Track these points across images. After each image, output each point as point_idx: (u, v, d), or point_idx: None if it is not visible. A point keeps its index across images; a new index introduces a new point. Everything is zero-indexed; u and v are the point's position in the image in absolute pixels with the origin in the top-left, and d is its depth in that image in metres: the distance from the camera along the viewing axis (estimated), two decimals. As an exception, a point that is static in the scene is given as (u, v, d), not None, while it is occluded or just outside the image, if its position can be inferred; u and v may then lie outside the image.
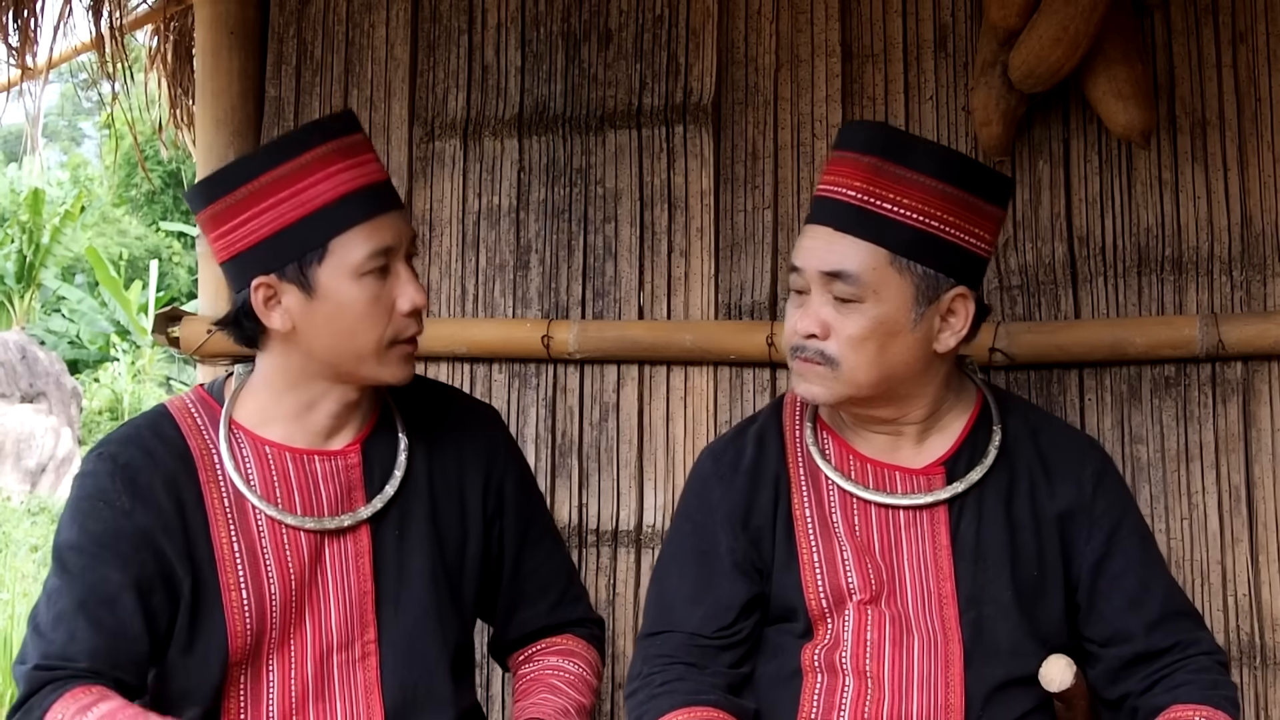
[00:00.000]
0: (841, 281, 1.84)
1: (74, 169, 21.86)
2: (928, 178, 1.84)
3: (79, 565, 1.82)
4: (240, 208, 1.81)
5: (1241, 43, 2.52)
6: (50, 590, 1.83)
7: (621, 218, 2.73)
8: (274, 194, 1.80)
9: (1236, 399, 2.46)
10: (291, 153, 1.81)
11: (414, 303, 1.87)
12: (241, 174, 1.83)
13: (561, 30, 2.80)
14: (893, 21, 2.65)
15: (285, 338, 1.87)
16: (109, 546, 1.81)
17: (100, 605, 1.79)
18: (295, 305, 1.83)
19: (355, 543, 1.92)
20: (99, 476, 1.86)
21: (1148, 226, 2.53)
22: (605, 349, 2.68)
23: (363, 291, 1.83)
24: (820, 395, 1.90)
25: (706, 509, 2.02)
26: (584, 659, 2.06)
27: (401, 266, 1.87)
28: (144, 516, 1.83)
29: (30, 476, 12.34)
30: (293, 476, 1.90)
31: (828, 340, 1.87)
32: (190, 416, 1.94)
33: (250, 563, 1.86)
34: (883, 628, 1.91)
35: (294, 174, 1.80)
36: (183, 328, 2.82)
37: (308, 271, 1.81)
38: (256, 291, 1.83)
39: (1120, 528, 1.95)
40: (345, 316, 1.83)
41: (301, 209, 1.80)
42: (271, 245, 1.81)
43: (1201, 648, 1.90)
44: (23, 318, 17.51)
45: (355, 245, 1.82)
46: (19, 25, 3.08)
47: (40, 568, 9.24)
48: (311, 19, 2.90)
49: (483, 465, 2.05)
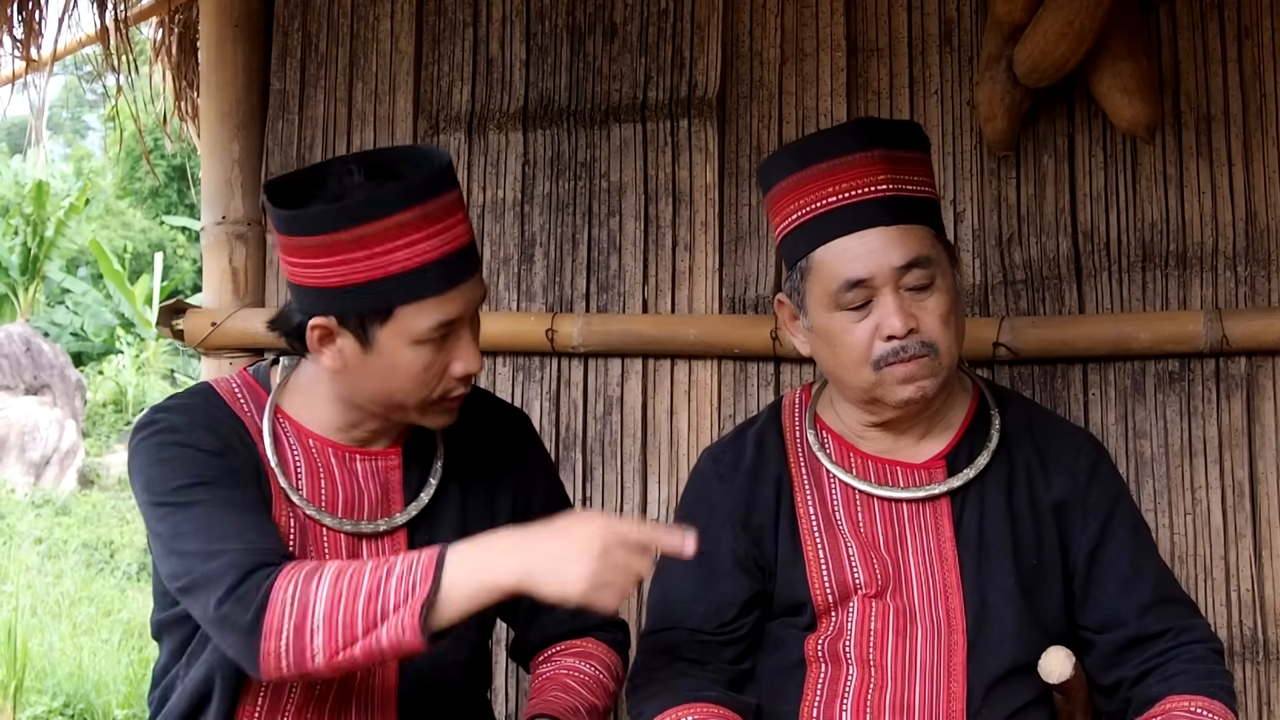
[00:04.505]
0: (917, 268, 1.85)
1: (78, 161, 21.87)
2: (913, 152, 1.92)
3: (183, 497, 1.75)
4: (316, 251, 1.74)
5: (1247, 37, 2.51)
6: (168, 534, 1.74)
7: (626, 211, 2.73)
8: (351, 250, 1.72)
9: (1240, 394, 2.46)
10: (379, 214, 1.71)
11: (468, 369, 1.82)
12: (325, 223, 1.73)
13: (566, 24, 2.80)
14: (898, 16, 2.65)
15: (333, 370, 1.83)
16: (199, 477, 1.76)
17: (246, 518, 1.74)
18: (349, 351, 1.79)
19: (392, 547, 1.90)
20: (169, 418, 1.81)
21: (1152, 221, 2.53)
22: (609, 343, 2.68)
23: (420, 357, 1.78)
24: (930, 388, 1.89)
25: (707, 509, 2.03)
26: (602, 662, 2.05)
27: (465, 331, 1.81)
28: (229, 459, 1.80)
29: (34, 469, 12.36)
30: (336, 472, 1.89)
31: (921, 331, 1.87)
32: (236, 399, 1.91)
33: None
34: (886, 618, 1.92)
35: (376, 235, 1.71)
36: (187, 320, 2.82)
37: (369, 328, 1.76)
38: (313, 330, 1.78)
39: (1113, 516, 1.96)
40: (397, 376, 1.79)
41: (375, 272, 1.73)
42: (339, 294, 1.75)
43: (1195, 635, 1.90)
44: (27, 310, 17.54)
45: (423, 316, 1.76)
46: (24, 17, 3.08)
47: (44, 560, 9.27)
48: (316, 12, 2.91)
49: (513, 470, 2.04)
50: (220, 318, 2.78)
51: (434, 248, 1.74)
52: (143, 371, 16.48)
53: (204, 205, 2.94)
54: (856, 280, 1.85)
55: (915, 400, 1.90)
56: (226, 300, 2.86)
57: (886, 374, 1.87)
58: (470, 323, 1.83)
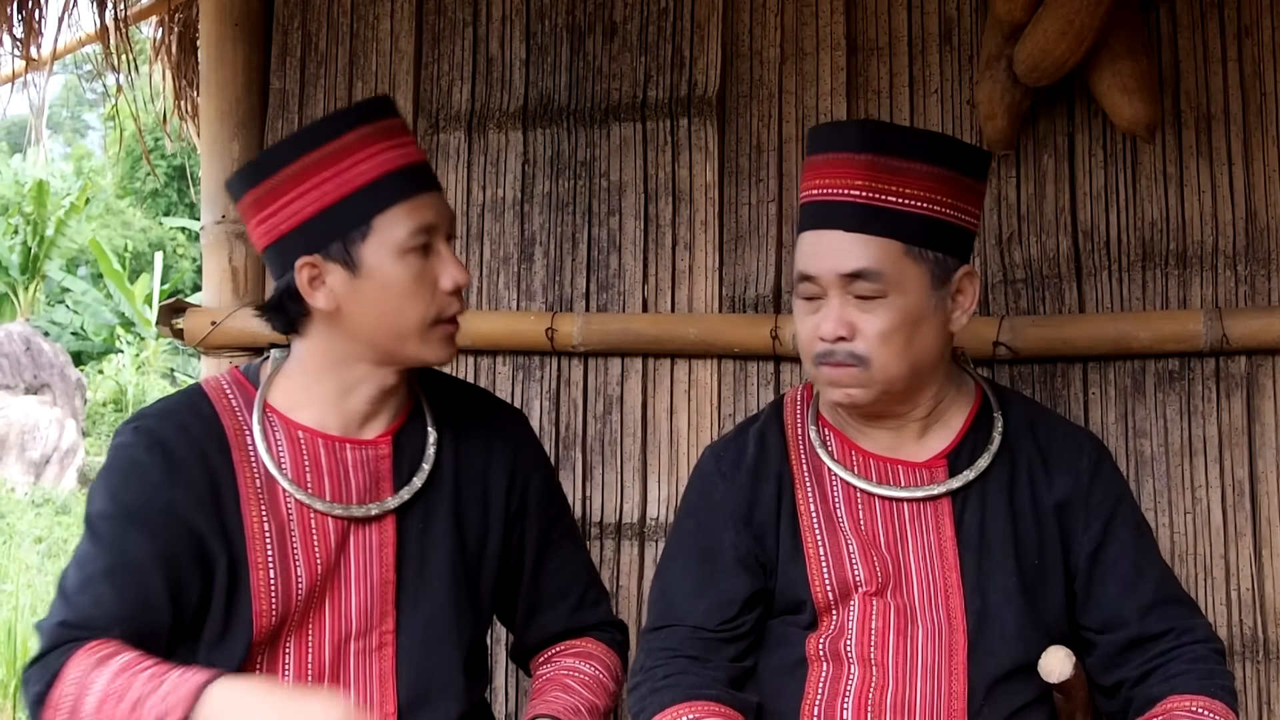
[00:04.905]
0: (864, 280, 1.85)
1: (78, 161, 21.89)
2: (925, 165, 1.86)
3: (109, 533, 1.82)
4: (282, 189, 1.83)
5: (1247, 36, 2.51)
6: (80, 556, 1.83)
7: (626, 211, 2.73)
8: (317, 173, 1.82)
9: (1240, 393, 2.46)
10: (333, 133, 1.83)
11: (456, 280, 1.88)
12: (282, 156, 1.84)
13: (566, 23, 2.80)
14: (898, 15, 2.65)
15: (328, 319, 1.88)
16: (139, 516, 1.82)
17: (127, 574, 1.79)
18: (340, 284, 1.84)
19: (380, 532, 1.93)
20: (134, 448, 1.86)
21: (1152, 220, 2.53)
22: (609, 342, 2.68)
23: (407, 269, 1.84)
24: (859, 397, 1.90)
25: (709, 506, 2.03)
26: (602, 662, 2.06)
27: (443, 245, 1.89)
28: (176, 490, 1.83)
29: (34, 468, 12.36)
30: (324, 462, 1.91)
31: (855, 340, 1.87)
32: (225, 397, 1.94)
33: (279, 544, 1.86)
34: (887, 617, 1.92)
35: (336, 153, 1.82)
36: (187, 319, 2.82)
37: (352, 250, 1.83)
38: (301, 271, 1.84)
39: (1115, 516, 1.96)
40: (390, 294, 1.84)
41: (345, 187, 1.82)
42: (315, 225, 1.83)
43: (1197, 635, 1.90)
44: (27, 309, 17.54)
45: (399, 222, 1.83)
46: (23, 16, 3.08)
47: (44, 559, 9.27)
48: (316, 11, 2.91)
49: (508, 466, 2.05)
50: (220, 317, 2.78)
51: (394, 158, 1.85)
52: (143, 371, 16.48)
53: (204, 204, 2.95)
54: (806, 275, 1.89)
55: (843, 404, 1.94)
56: (226, 299, 2.86)
57: (820, 373, 1.92)
58: (447, 240, 1.90)
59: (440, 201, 1.91)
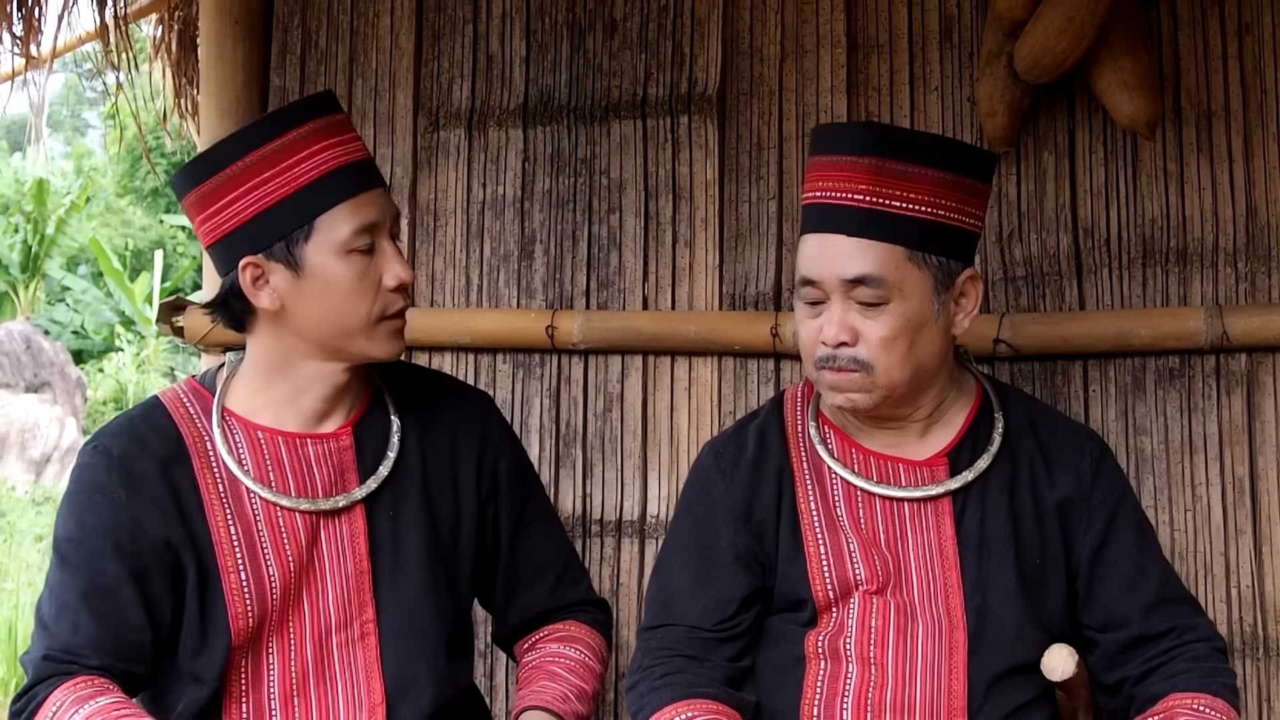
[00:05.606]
0: (866, 286, 1.85)
1: (78, 159, 21.87)
2: (929, 169, 1.86)
3: (78, 558, 1.83)
4: (226, 189, 1.83)
5: (1247, 34, 2.51)
6: (52, 584, 1.84)
7: (626, 208, 2.73)
8: (259, 173, 1.82)
9: (1241, 391, 2.46)
10: (274, 132, 1.83)
11: (399, 278, 1.89)
12: (226, 155, 1.85)
13: (566, 20, 2.80)
14: (898, 12, 2.65)
15: (274, 318, 1.88)
16: (106, 538, 1.83)
17: (101, 597, 1.81)
18: (283, 284, 1.85)
19: (350, 524, 1.93)
20: (94, 469, 1.87)
21: (1153, 218, 2.53)
22: (609, 339, 2.68)
23: (349, 268, 1.85)
24: (861, 402, 1.90)
25: (708, 504, 2.02)
26: (586, 644, 2.07)
27: (386, 243, 1.89)
28: (140, 506, 1.85)
29: (35, 466, 12.36)
30: (286, 460, 1.92)
31: (858, 346, 1.87)
32: (182, 406, 1.95)
33: (248, 546, 1.87)
34: (887, 615, 1.91)
35: (277, 153, 1.82)
36: (187, 318, 2.82)
37: (295, 250, 1.83)
38: (244, 271, 1.85)
39: (1117, 515, 1.96)
40: (333, 293, 1.85)
41: (287, 187, 1.82)
42: (258, 224, 1.83)
43: (1199, 634, 1.90)
44: (27, 308, 17.54)
45: (341, 222, 1.84)
46: (23, 14, 3.08)
47: (45, 557, 9.26)
48: (316, 8, 2.90)
49: (475, 447, 2.06)
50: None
51: (336, 156, 1.85)
52: (143, 369, 16.48)
53: (204, 202, 2.94)
54: (808, 279, 1.89)
55: (845, 409, 1.94)
56: (226, 297, 2.85)
57: (821, 376, 1.91)
58: (391, 238, 1.90)
59: (384, 199, 1.91)
